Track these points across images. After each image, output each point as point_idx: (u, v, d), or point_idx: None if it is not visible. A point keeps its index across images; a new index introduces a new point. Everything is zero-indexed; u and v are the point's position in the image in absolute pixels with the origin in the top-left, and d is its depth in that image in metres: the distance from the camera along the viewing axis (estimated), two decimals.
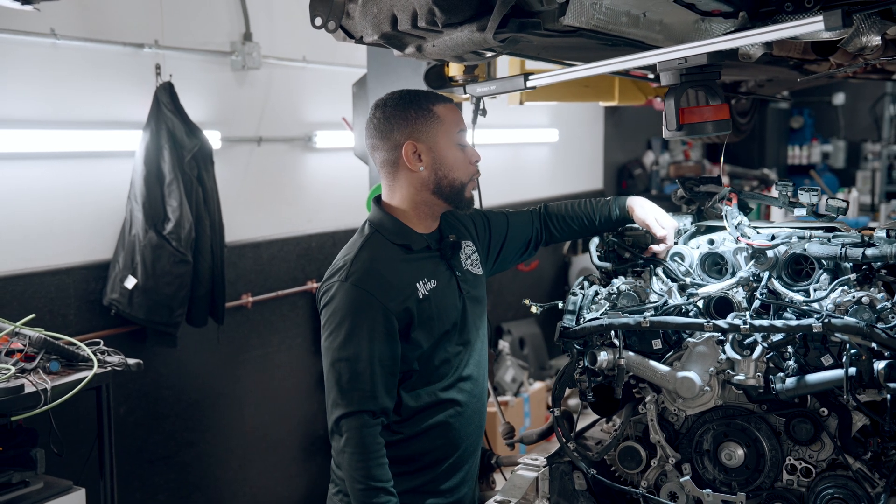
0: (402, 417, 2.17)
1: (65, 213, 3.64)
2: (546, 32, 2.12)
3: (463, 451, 2.26)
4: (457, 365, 2.24)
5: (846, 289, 2.19)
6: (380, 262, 2.14)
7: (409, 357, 2.16)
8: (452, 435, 2.23)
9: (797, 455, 2.24)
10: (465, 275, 2.30)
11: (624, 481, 2.46)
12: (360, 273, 2.10)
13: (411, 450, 2.19)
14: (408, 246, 2.21)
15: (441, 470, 2.23)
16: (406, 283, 2.14)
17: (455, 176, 2.21)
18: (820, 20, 1.90)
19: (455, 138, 2.22)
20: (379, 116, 2.22)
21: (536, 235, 2.58)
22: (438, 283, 2.20)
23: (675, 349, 2.35)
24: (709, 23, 2.31)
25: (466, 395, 2.26)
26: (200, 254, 3.84)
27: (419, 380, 2.19)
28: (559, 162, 7.30)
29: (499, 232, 2.49)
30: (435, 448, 2.21)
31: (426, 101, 2.22)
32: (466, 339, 2.27)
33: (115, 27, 3.74)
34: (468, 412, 2.26)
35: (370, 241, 2.20)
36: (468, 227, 2.41)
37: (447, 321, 2.20)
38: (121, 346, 3.22)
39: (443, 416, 2.21)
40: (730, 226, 2.45)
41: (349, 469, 2.07)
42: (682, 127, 2.23)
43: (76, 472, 3.15)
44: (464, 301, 2.26)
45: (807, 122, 10.20)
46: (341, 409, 2.08)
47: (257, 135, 4.45)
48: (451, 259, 2.27)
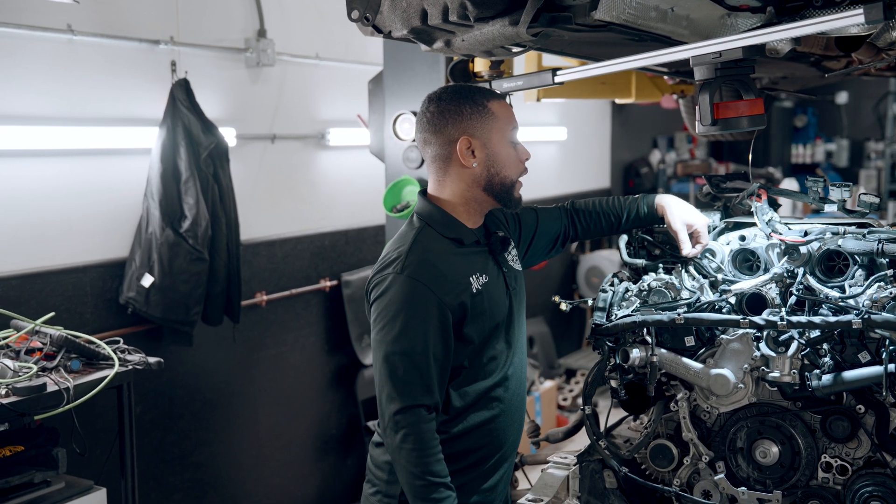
0: (449, 416, 2.14)
1: (81, 210, 3.61)
2: (577, 27, 2.10)
3: (505, 450, 2.24)
4: (502, 363, 2.21)
5: (883, 284, 2.17)
6: (434, 254, 2.11)
7: (460, 353, 2.13)
8: (496, 434, 2.20)
9: (833, 453, 2.22)
10: (510, 271, 2.28)
11: (655, 479, 2.44)
12: (416, 265, 2.07)
13: (456, 449, 2.15)
14: (459, 240, 2.18)
15: (483, 469, 2.20)
16: (460, 277, 2.11)
17: (507, 174, 2.19)
18: (860, 13, 1.88)
19: (509, 136, 2.20)
20: (433, 110, 2.18)
21: (565, 232, 2.56)
22: (489, 278, 2.18)
23: (708, 346, 2.34)
24: (735, 18, 2.30)
25: (510, 393, 2.23)
26: (217, 252, 3.81)
27: (468, 377, 2.15)
28: (567, 160, 7.28)
29: (528, 228, 2.47)
30: (479, 447, 2.18)
31: (481, 97, 2.19)
32: (511, 336, 2.25)
33: (130, 23, 3.72)
34: (511, 410, 2.23)
35: (423, 234, 2.15)
36: (503, 223, 2.39)
37: (498, 317, 2.18)
38: (137, 345, 3.19)
39: (488, 414, 2.18)
40: (761, 222, 2.43)
41: (407, 465, 2.02)
42: (716, 122, 2.21)
43: (95, 472, 3.13)
44: (510, 297, 2.24)
45: (810, 121, 10.18)
46: (397, 403, 2.03)
47: (271, 132, 4.43)
48: (499, 255, 2.25)
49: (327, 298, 4.82)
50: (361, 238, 5.00)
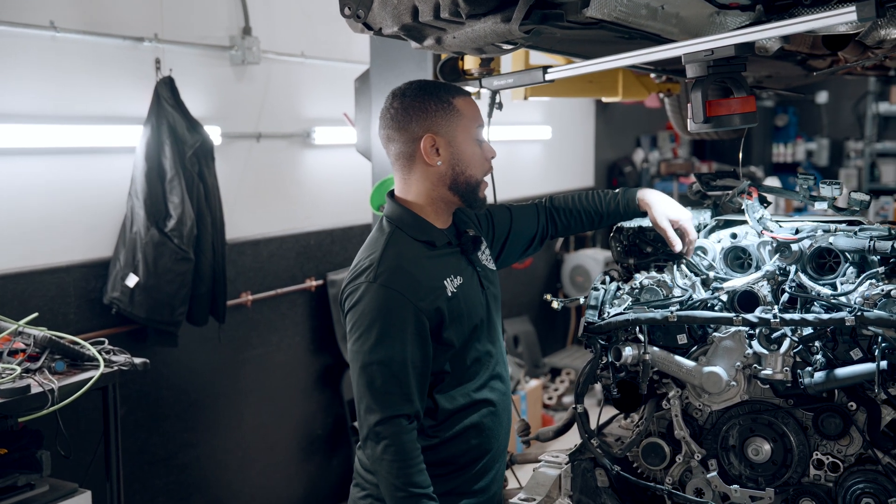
0: (438, 421, 2.12)
1: (65, 209, 3.57)
2: (568, 24, 2.09)
3: (495, 451, 2.23)
4: (487, 363, 2.20)
5: (874, 282, 2.18)
6: (406, 260, 2.07)
7: (441, 358, 2.10)
8: (486, 435, 2.19)
9: (825, 450, 2.22)
10: (484, 270, 2.25)
11: (647, 478, 2.44)
12: (389, 273, 2.03)
13: (447, 453, 2.14)
14: (431, 242, 2.14)
15: (475, 471, 2.18)
16: (434, 281, 2.08)
17: (472, 172, 2.14)
18: (852, 10, 1.88)
19: (474, 133, 2.16)
20: (396, 107, 2.13)
21: (542, 231, 2.51)
22: (464, 279, 2.14)
23: (701, 344, 2.33)
24: (724, 16, 2.30)
25: (498, 394, 2.22)
26: (202, 251, 3.78)
27: (452, 381, 2.13)
28: (552, 159, 7.29)
29: (502, 227, 2.43)
30: (470, 449, 2.16)
31: (446, 94, 2.14)
32: (494, 336, 2.22)
33: (114, 20, 3.67)
34: (500, 411, 2.22)
35: (394, 239, 2.11)
36: (475, 222, 2.36)
37: (476, 318, 2.15)
38: (121, 346, 3.16)
39: (477, 416, 2.16)
40: (752, 220, 2.43)
41: (389, 476, 2.00)
42: (709, 119, 2.20)
43: (80, 474, 3.09)
44: (487, 297, 2.21)
45: (791, 121, 10.26)
46: (377, 414, 2.00)
47: (256, 130, 4.40)
48: (471, 254, 2.22)
49: (313, 298, 4.79)
50: (347, 237, 4.97)
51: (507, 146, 6.62)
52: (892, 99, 9.43)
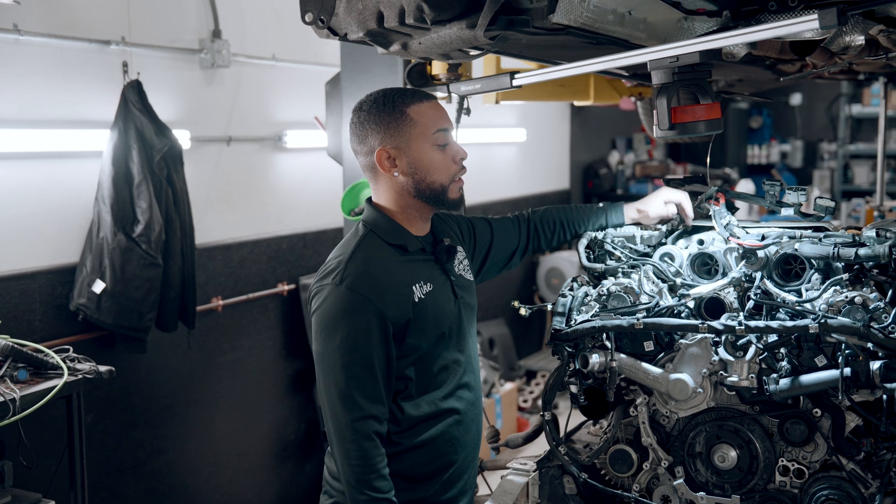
0: (402, 428, 2.10)
1: (29, 215, 3.52)
2: (534, 30, 2.08)
3: (462, 461, 2.21)
4: (455, 372, 2.18)
5: (839, 289, 2.18)
6: (375, 263, 2.07)
7: (405, 363, 2.09)
8: (453, 444, 2.17)
9: (790, 456, 2.23)
10: (459, 280, 2.24)
11: (615, 485, 2.43)
12: (355, 276, 2.03)
13: (412, 461, 2.12)
14: (403, 247, 2.14)
15: (442, 481, 2.17)
16: (402, 286, 2.07)
17: (433, 179, 2.12)
18: (814, 18, 1.88)
19: (432, 139, 2.12)
20: (355, 120, 2.15)
21: (523, 246, 2.53)
22: (434, 286, 2.14)
23: (667, 351, 2.33)
24: (692, 22, 2.31)
25: (465, 403, 2.20)
26: (171, 256, 3.74)
27: (417, 388, 2.12)
28: (527, 161, 7.29)
29: (483, 241, 2.43)
30: (436, 458, 2.15)
31: (401, 103, 2.12)
32: (464, 345, 2.21)
33: (80, 24, 3.63)
34: (467, 420, 2.20)
35: (365, 242, 2.12)
36: (455, 232, 2.36)
37: (443, 325, 2.14)
38: (89, 353, 3.12)
39: (443, 425, 2.15)
40: (719, 226, 2.43)
41: (351, 479, 2.00)
42: (674, 126, 2.20)
43: (44, 484, 3.04)
44: (459, 306, 2.20)
45: (765, 122, 10.32)
46: (342, 416, 2.00)
47: (227, 134, 4.36)
48: (445, 263, 2.21)
49: (285, 302, 4.76)
50: (320, 241, 4.94)
51: (482, 149, 6.61)
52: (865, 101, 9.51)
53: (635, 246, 2.56)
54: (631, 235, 2.57)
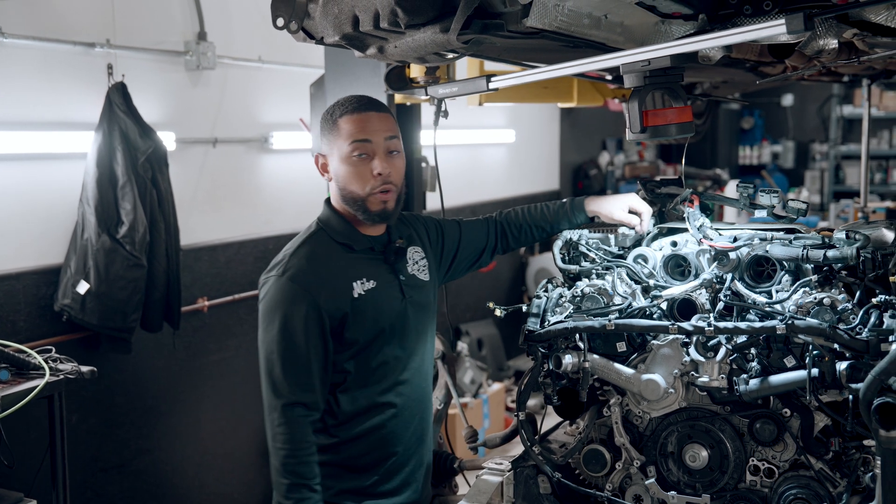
0: (339, 421, 2.19)
1: (14, 216, 3.53)
2: (509, 34, 2.10)
3: (401, 454, 2.27)
4: (395, 368, 2.25)
5: (808, 290, 2.21)
6: (318, 258, 2.17)
7: (343, 357, 2.17)
8: (389, 438, 2.24)
9: (760, 456, 2.25)
10: (410, 279, 2.30)
11: (589, 485, 2.46)
12: (296, 269, 2.13)
13: (348, 452, 2.20)
14: (349, 245, 2.23)
15: (380, 472, 2.24)
16: (341, 282, 2.16)
17: (352, 189, 2.20)
18: (782, 23, 1.91)
19: (346, 149, 2.18)
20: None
21: (491, 246, 2.59)
22: (378, 284, 2.22)
23: (640, 352, 2.36)
24: (668, 25, 2.33)
25: (404, 398, 2.26)
26: (155, 258, 3.75)
27: (355, 383, 2.19)
28: (516, 163, 7.31)
29: (452, 241, 2.50)
30: (372, 450, 2.22)
31: (338, 111, 2.22)
32: (407, 343, 2.27)
33: (65, 26, 3.64)
34: (405, 415, 2.26)
35: (313, 238, 2.23)
36: (420, 234, 2.42)
37: (383, 322, 2.21)
38: (73, 353, 3.13)
39: (378, 419, 2.22)
40: (692, 227, 2.46)
41: (276, 461, 2.10)
42: (645, 129, 2.23)
43: (27, 484, 3.06)
44: (406, 305, 2.26)
45: (757, 123, 10.36)
46: (275, 401, 2.10)
47: (213, 136, 4.38)
48: (394, 263, 2.27)
49: None
50: None
51: (470, 150, 6.63)
52: (857, 102, 9.55)
53: (609, 248, 2.59)
54: (605, 237, 2.60)
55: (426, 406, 2.35)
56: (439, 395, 3.03)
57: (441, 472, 2.92)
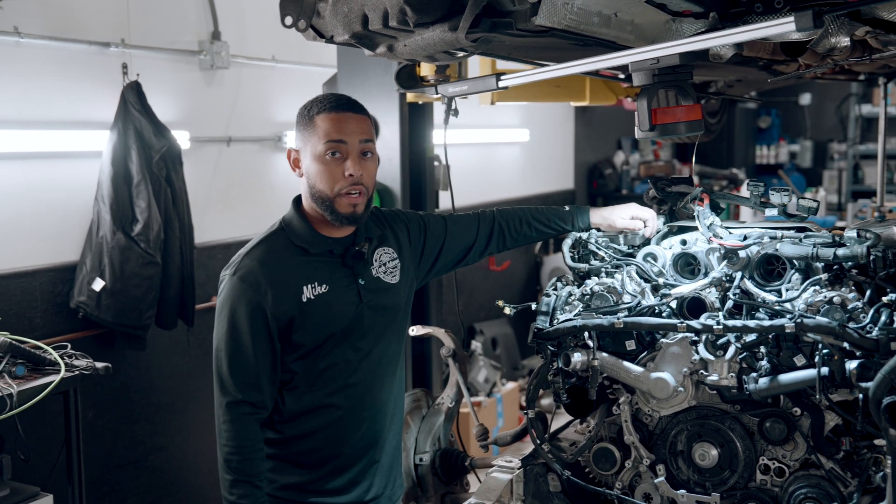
0: (284, 418, 2.18)
1: (30, 214, 3.57)
2: (518, 32, 2.11)
3: (348, 455, 2.23)
4: (344, 371, 2.20)
5: (818, 289, 2.20)
6: (271, 260, 2.14)
7: (291, 358, 2.15)
8: (335, 438, 2.21)
9: (770, 455, 2.25)
10: (371, 283, 2.25)
11: (598, 483, 2.46)
12: (247, 270, 2.12)
13: (293, 449, 2.20)
14: (305, 249, 2.19)
15: (325, 470, 2.22)
16: (291, 285, 2.13)
17: (321, 188, 2.15)
18: (791, 21, 1.90)
19: (320, 148, 2.15)
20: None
21: (481, 244, 2.52)
22: (331, 287, 2.17)
23: (649, 350, 2.36)
24: (679, 23, 2.32)
25: (351, 400, 2.22)
26: (170, 255, 3.78)
27: (302, 382, 2.18)
28: (530, 162, 7.30)
29: (435, 238, 2.45)
30: (316, 449, 2.21)
31: (315, 109, 2.18)
32: (362, 346, 2.22)
33: (80, 26, 3.68)
34: (352, 418, 2.22)
35: (270, 238, 2.21)
36: (398, 232, 2.37)
37: (334, 326, 2.17)
38: (89, 350, 3.16)
39: (322, 419, 2.19)
40: (702, 226, 2.46)
41: (220, 458, 2.11)
42: (654, 127, 2.23)
43: (43, 478, 3.10)
44: (362, 309, 2.21)
45: (774, 122, 10.30)
46: (221, 397, 2.11)
47: (226, 135, 4.41)
48: (353, 266, 2.23)
49: None
50: None
51: (484, 149, 6.64)
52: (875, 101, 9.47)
53: (619, 246, 2.59)
54: (615, 236, 2.60)
55: (379, 408, 2.28)
56: (451, 394, 3.04)
57: (452, 469, 2.93)
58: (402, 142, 3.91)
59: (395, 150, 3.88)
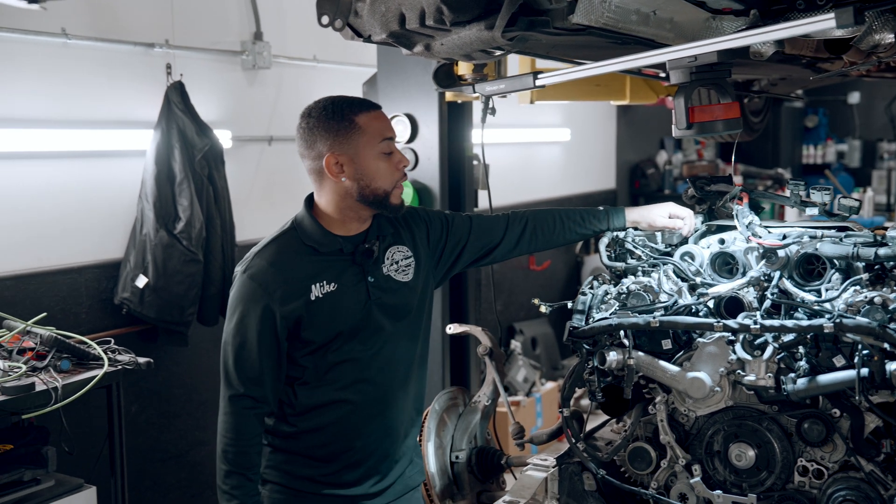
0: (297, 412, 2.22)
1: (77, 212, 3.66)
2: (555, 31, 2.10)
3: (360, 449, 2.25)
4: (355, 367, 2.22)
5: (858, 288, 2.17)
6: (280, 259, 2.17)
7: (300, 354, 2.18)
8: (347, 432, 2.24)
9: (809, 456, 2.22)
10: (382, 281, 2.26)
11: (634, 482, 2.44)
12: (257, 268, 2.15)
13: (306, 442, 2.23)
14: (315, 248, 2.21)
15: (339, 463, 2.25)
16: (300, 283, 2.15)
17: (377, 185, 2.19)
18: (831, 17, 1.88)
19: (378, 148, 2.19)
20: (303, 126, 2.22)
21: (510, 244, 2.52)
22: (340, 286, 2.19)
23: (685, 349, 2.34)
24: (720, 21, 2.30)
25: (363, 396, 2.24)
26: (211, 253, 3.84)
27: (313, 378, 2.20)
28: (571, 161, 7.28)
29: (458, 236, 2.45)
30: (329, 443, 2.23)
31: (349, 112, 2.19)
32: (372, 343, 2.23)
33: (125, 27, 3.75)
34: (364, 412, 2.24)
35: (281, 237, 2.23)
36: (415, 231, 2.37)
37: (342, 324, 2.18)
38: (132, 345, 3.22)
39: (334, 414, 2.22)
40: (740, 225, 2.43)
41: (218, 448, 2.16)
42: (691, 125, 2.22)
43: (88, 470, 3.16)
44: (370, 306, 2.22)
45: (821, 122, 10.12)
46: (225, 390, 2.17)
47: (268, 134, 4.46)
48: (362, 264, 2.24)
49: None
50: None
51: (524, 149, 6.63)
52: None
53: (656, 245, 2.57)
54: (652, 235, 2.58)
55: (392, 403, 2.29)
56: (487, 392, 3.05)
57: (488, 468, 2.93)
58: (441, 141, 3.93)
59: (434, 149, 3.90)
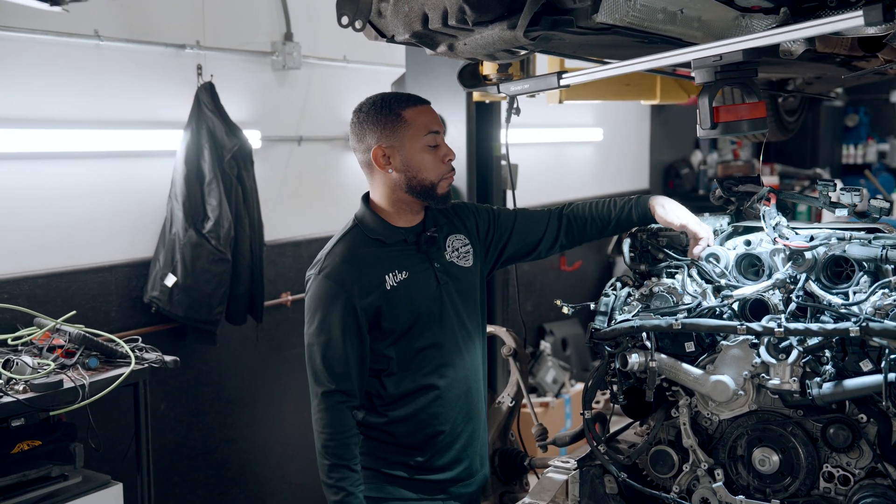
0: (386, 401, 2.33)
1: (107, 211, 3.70)
2: (579, 30, 2.09)
3: (449, 433, 2.37)
4: (436, 352, 2.34)
5: (887, 291, 2.12)
6: (352, 255, 2.28)
7: (383, 344, 2.29)
8: (435, 418, 2.35)
9: (834, 462, 2.17)
10: (447, 266, 2.38)
11: (655, 486, 2.42)
12: (332, 267, 2.27)
13: (401, 430, 2.34)
14: (382, 240, 2.32)
15: (430, 450, 2.36)
16: (375, 276, 2.27)
17: (424, 177, 2.30)
18: (860, 15, 1.84)
19: (424, 141, 2.30)
20: (354, 121, 2.36)
21: (550, 239, 2.56)
22: (410, 273, 2.31)
23: (709, 352, 2.30)
24: (749, 19, 2.26)
25: (447, 380, 2.36)
26: (240, 252, 3.87)
27: (398, 367, 2.32)
28: (603, 161, 7.23)
29: (503, 229, 2.54)
30: (421, 428, 2.34)
31: (397, 106, 2.31)
32: (447, 327, 2.36)
33: (157, 28, 3.79)
34: (450, 396, 2.37)
35: (348, 236, 2.35)
36: (466, 221, 2.48)
37: (420, 308, 2.30)
38: (161, 344, 3.26)
39: (422, 400, 2.33)
40: (767, 226, 2.39)
41: (318, 444, 2.27)
42: (716, 125, 2.19)
43: (115, 467, 3.20)
44: (442, 292, 2.35)
45: (862, 121, 9.95)
46: (316, 389, 2.27)
47: (297, 134, 4.48)
48: (427, 252, 2.35)
49: None
50: None
51: (556, 148, 6.60)
52: None
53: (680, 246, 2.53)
54: (676, 236, 2.55)
55: (472, 385, 2.42)
56: (511, 393, 3.04)
57: (511, 469, 2.92)
58: (468, 141, 3.93)
59: (461, 149, 3.90)
